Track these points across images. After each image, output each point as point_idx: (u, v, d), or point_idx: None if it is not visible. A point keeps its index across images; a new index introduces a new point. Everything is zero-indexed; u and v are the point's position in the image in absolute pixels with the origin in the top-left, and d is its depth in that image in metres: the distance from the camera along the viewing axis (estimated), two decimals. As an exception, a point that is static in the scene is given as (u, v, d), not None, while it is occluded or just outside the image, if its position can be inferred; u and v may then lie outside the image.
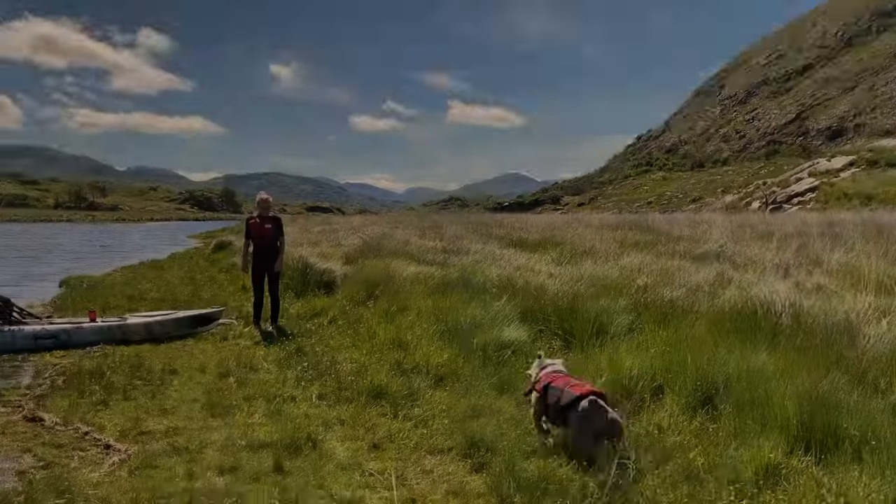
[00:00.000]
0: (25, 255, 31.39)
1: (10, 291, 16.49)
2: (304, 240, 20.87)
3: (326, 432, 5.80)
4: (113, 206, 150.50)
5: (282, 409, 6.36)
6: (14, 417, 6.46)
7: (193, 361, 8.55)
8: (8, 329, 9.74)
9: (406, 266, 12.42)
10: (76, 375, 7.73)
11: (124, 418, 6.35)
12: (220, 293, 14.24)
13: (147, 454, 5.39)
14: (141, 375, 7.75)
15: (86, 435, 5.92)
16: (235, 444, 5.55)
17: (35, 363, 8.95)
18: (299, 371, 7.63)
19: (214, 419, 6.32)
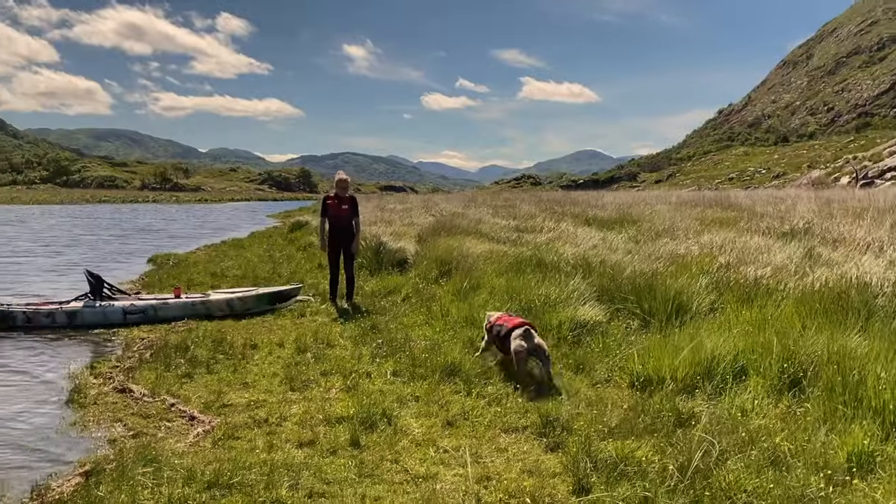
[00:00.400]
0: (118, 233, 32.90)
1: (104, 268, 17.39)
2: (377, 219, 21.08)
3: (401, 408, 5.85)
4: (196, 187, 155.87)
5: (357, 385, 6.45)
6: (105, 388, 6.79)
7: (273, 337, 8.77)
8: (99, 305, 10.23)
9: (478, 244, 12.38)
10: (162, 349, 8.05)
11: (207, 391, 6.57)
12: (298, 271, 14.55)
13: (229, 426, 5.56)
14: (223, 350, 8.00)
15: (172, 406, 6.16)
16: (313, 418, 5.66)
17: (124, 337, 9.37)
18: (374, 348, 7.72)
19: (293, 393, 6.47)
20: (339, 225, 10.69)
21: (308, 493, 4.29)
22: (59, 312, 10.09)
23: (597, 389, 6.16)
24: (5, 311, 10.09)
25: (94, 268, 12.88)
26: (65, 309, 10.16)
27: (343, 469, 4.65)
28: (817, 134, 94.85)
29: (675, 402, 5.46)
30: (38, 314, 10.06)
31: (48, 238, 29.20)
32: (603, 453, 4.64)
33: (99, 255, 22.32)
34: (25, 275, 16.88)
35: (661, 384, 5.93)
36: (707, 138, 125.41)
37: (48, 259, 20.77)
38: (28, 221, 42.53)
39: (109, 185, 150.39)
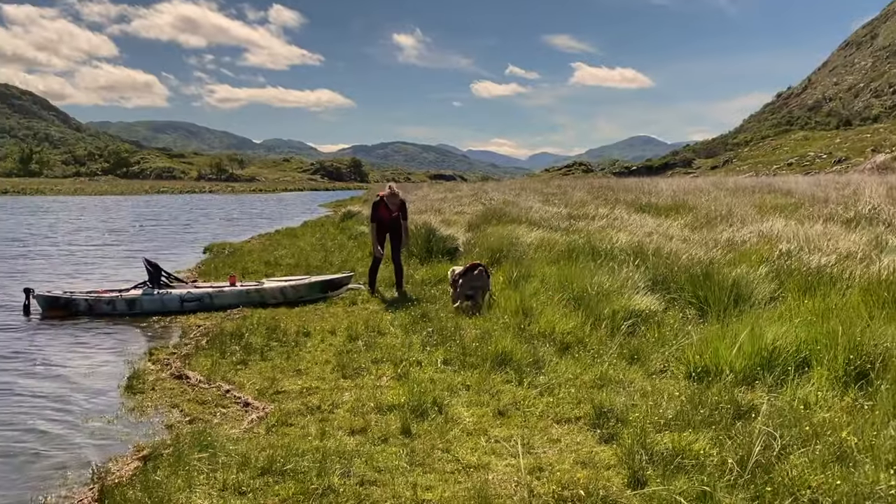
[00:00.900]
0: (176, 223, 33.74)
1: (163, 256, 17.86)
2: (427, 207, 21.12)
3: (452, 397, 5.82)
4: (250, 178, 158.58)
5: (408, 373, 6.44)
6: (163, 375, 6.94)
7: (325, 324, 8.85)
8: (157, 293, 10.48)
9: (529, 232, 12.26)
10: (218, 336, 8.20)
11: (261, 378, 6.66)
12: (349, 259, 14.66)
13: (283, 413, 5.61)
14: (277, 337, 8.11)
15: (227, 393, 6.26)
16: (365, 406, 5.68)
17: (181, 324, 9.59)
18: (424, 336, 7.71)
19: (345, 380, 6.51)
20: (388, 221, 10.89)
21: (360, 481, 4.30)
22: (119, 300, 10.38)
23: (652, 380, 6.02)
24: (68, 298, 10.43)
25: (153, 256, 13.23)
26: (125, 297, 10.45)
27: (394, 457, 4.65)
28: (882, 117, 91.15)
29: (733, 393, 5.29)
30: (99, 302, 10.37)
31: (111, 227, 30.11)
32: (659, 446, 4.53)
33: (158, 243, 22.92)
34: (91, 263, 17.43)
35: (719, 375, 5.76)
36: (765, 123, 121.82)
37: (112, 247, 21.42)
38: (92, 211, 43.92)
39: (168, 177, 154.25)
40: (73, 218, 37.29)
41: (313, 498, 4.08)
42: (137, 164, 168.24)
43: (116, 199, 71.81)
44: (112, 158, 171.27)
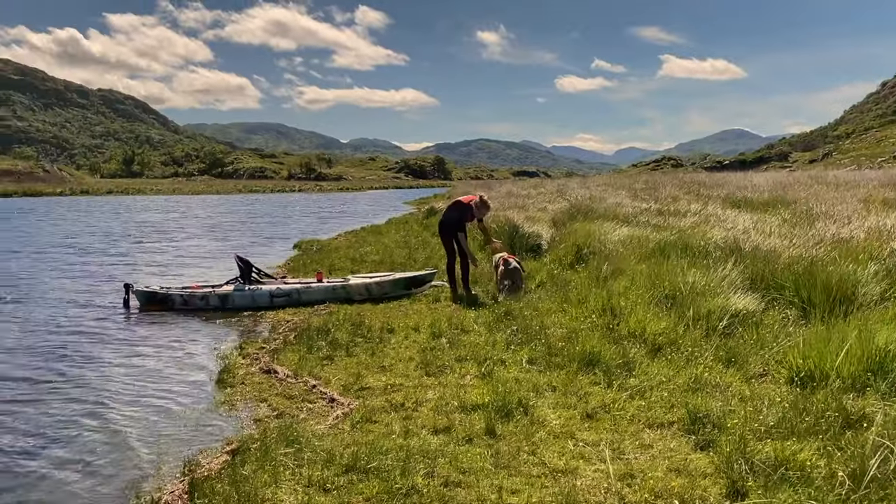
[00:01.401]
0: (267, 220, 34.78)
1: (255, 252, 18.41)
2: (511, 204, 20.91)
3: (537, 398, 5.66)
4: (338, 176, 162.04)
5: (492, 372, 6.33)
6: (252, 369, 7.08)
7: (409, 321, 8.84)
8: (248, 288, 10.75)
9: (617, 229, 11.91)
10: (305, 332, 8.32)
11: (347, 373, 6.69)
12: (433, 256, 14.66)
13: (367, 409, 5.61)
14: (362, 333, 8.15)
15: (313, 388, 6.31)
16: (449, 405, 5.60)
17: (271, 319, 9.80)
18: (509, 334, 7.57)
19: (428, 378, 6.45)
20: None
21: (444, 482, 4.22)
22: (213, 295, 10.71)
23: (750, 384, 5.68)
24: (165, 293, 10.84)
25: (245, 253, 13.62)
26: (217, 292, 10.77)
27: (479, 458, 4.54)
28: None
29: (841, 400, 4.92)
30: (193, 297, 10.73)
31: (208, 225, 31.33)
32: (760, 454, 4.25)
33: (255, 240, 23.67)
34: (188, 258, 18.15)
35: (824, 380, 5.38)
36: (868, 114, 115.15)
37: (210, 244, 22.24)
38: (192, 209, 45.85)
39: (259, 176, 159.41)
40: (171, 217, 38.99)
41: (397, 498, 4.03)
42: (231, 165, 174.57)
43: (212, 197, 74.77)
44: (208, 159, 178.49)
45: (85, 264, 17.16)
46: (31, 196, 74.65)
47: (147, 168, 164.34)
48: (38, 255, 19.50)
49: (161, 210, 46.31)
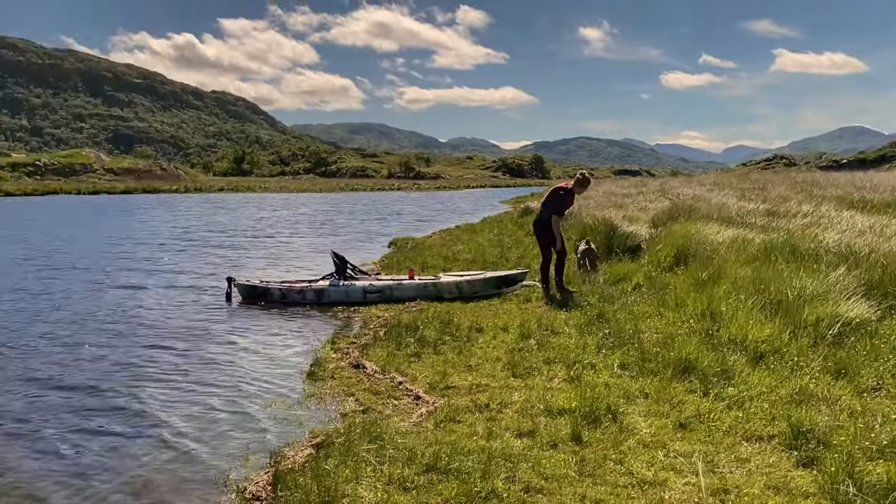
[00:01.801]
0: (368, 218, 35.49)
1: (353, 248, 18.83)
2: (609, 203, 20.41)
3: (628, 405, 5.44)
4: (435, 175, 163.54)
5: (581, 376, 6.14)
6: (342, 363, 7.18)
7: (497, 321, 8.74)
8: (343, 284, 10.95)
9: (720, 230, 11.36)
10: (395, 328, 8.36)
11: (433, 371, 6.67)
12: (526, 255, 14.49)
13: (451, 409, 5.55)
14: (450, 331, 8.12)
15: (399, 385, 6.32)
16: (534, 408, 5.47)
17: (363, 315, 9.93)
18: (600, 338, 7.33)
19: (515, 379, 6.34)
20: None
21: (524, 488, 4.10)
22: (309, 290, 10.97)
23: (862, 399, 5.25)
24: (265, 287, 11.20)
25: (343, 249, 13.89)
26: (313, 287, 11.03)
27: (562, 465, 4.40)
28: None
29: (969, 421, 4.47)
30: (291, 291, 11.03)
31: (312, 221, 32.29)
32: (870, 476, 3.91)
33: (350, 237, 24.21)
34: (293, 253, 18.74)
35: (949, 399, 4.91)
36: None
37: (314, 239, 22.89)
38: (297, 206, 47.41)
39: (361, 175, 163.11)
40: (278, 213, 40.42)
41: (476, 501, 3.95)
42: (335, 164, 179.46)
43: (316, 195, 77.10)
44: (312, 158, 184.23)
45: (198, 256, 18.01)
46: (150, 193, 79.22)
47: (256, 167, 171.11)
48: (161, 246, 20.67)
49: (269, 207, 48.09)
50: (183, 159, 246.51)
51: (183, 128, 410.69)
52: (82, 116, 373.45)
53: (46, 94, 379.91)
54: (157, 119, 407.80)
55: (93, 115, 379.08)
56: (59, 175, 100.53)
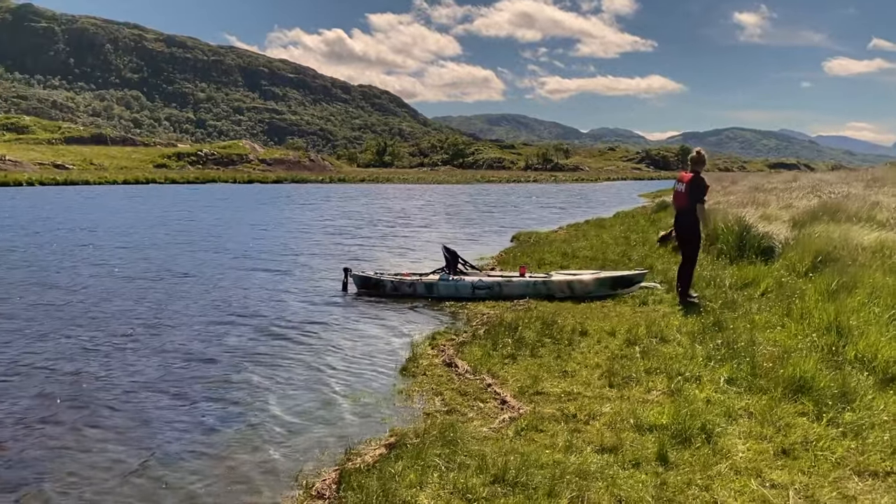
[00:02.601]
0: (499, 210, 35.49)
1: (476, 242, 18.88)
2: (749, 200, 19.10)
3: (727, 424, 5.00)
4: (574, 167, 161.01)
5: (681, 390, 5.72)
6: (436, 361, 7.14)
7: (605, 324, 8.36)
8: (452, 279, 10.92)
9: (867, 233, 10.31)
10: (495, 327, 8.21)
11: (526, 375, 6.47)
12: (650, 255, 13.84)
13: (536, 416, 5.35)
14: (551, 333, 7.86)
15: (488, 387, 6.18)
16: (623, 422, 5.15)
17: (469, 311, 9.86)
18: (711, 348, 6.81)
19: (610, 389, 6.01)
20: (675, 206, 9.41)
21: (592, 509, 3.86)
22: (419, 284, 11.04)
23: None
24: (378, 279, 11.40)
25: (464, 243, 13.93)
26: (424, 281, 11.09)
27: (640, 487, 4.09)
28: None
29: None
30: (402, 284, 11.15)
31: (443, 213, 32.72)
32: None
33: (474, 229, 24.27)
34: (420, 244, 19.04)
35: None
36: None
37: (445, 231, 23.17)
38: (432, 198, 48.29)
39: (497, 166, 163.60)
40: (412, 204, 41.29)
41: (536, 519, 3.75)
42: (472, 155, 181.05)
43: (451, 187, 78.15)
44: (450, 150, 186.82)
45: (329, 244, 18.71)
46: (298, 182, 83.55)
47: (397, 158, 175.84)
48: (301, 231, 21.70)
49: (404, 197, 49.25)
50: (330, 151, 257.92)
51: (331, 120, 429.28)
52: (241, 109, 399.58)
53: (210, 89, 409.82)
54: (307, 112, 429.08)
55: (250, 108, 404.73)
56: (218, 164, 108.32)
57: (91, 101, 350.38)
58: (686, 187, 9.03)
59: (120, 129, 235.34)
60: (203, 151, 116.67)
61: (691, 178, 9.03)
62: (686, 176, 9.10)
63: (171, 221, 26.50)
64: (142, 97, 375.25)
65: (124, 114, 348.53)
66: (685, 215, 9.15)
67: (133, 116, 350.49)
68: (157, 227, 23.74)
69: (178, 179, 77.48)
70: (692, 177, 9.05)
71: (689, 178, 9.02)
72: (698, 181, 9.03)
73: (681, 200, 9.15)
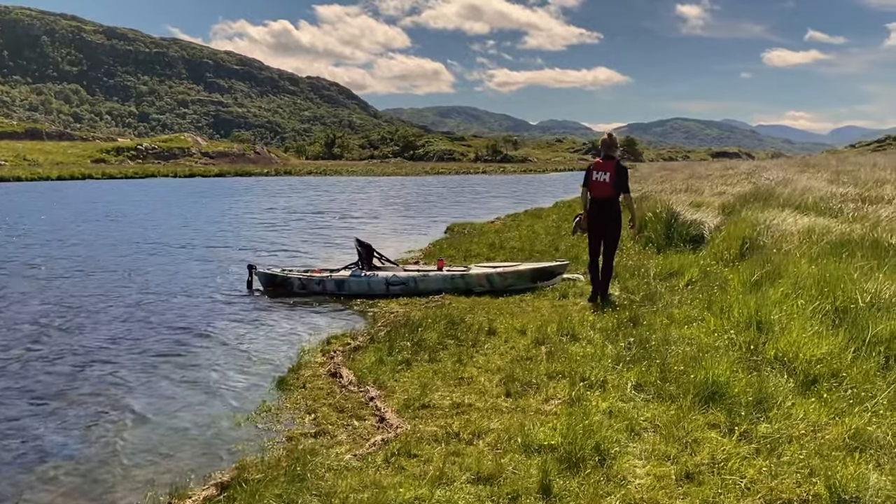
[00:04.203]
0: (441, 202, 34.73)
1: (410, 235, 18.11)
2: (685, 187, 18.77)
3: (629, 441, 4.33)
4: (523, 158, 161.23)
5: (582, 399, 5.04)
6: (321, 371, 6.34)
7: (517, 321, 7.65)
8: (365, 275, 10.13)
9: (795, 218, 9.86)
10: (397, 328, 7.44)
11: (416, 384, 5.71)
12: (578, 245, 13.24)
13: (413, 437, 4.59)
14: (455, 334, 7.12)
15: (370, 401, 5.41)
16: (511, 440, 4.43)
17: (379, 310, 9.08)
18: (622, 347, 6.17)
19: (507, 399, 5.30)
20: (596, 197, 8.37)
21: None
22: (329, 281, 10.21)
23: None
24: (284, 276, 10.53)
25: (397, 235, 13.12)
26: (334, 277, 10.27)
27: (510, 530, 3.38)
28: None
29: None
30: (310, 281, 10.31)
31: (384, 205, 31.81)
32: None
33: (412, 222, 23.48)
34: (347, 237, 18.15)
35: None
36: None
37: (380, 223, 22.30)
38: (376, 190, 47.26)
39: (448, 158, 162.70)
40: (355, 196, 40.25)
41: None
42: (422, 147, 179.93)
43: (400, 179, 77.13)
44: (401, 142, 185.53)
45: (253, 239, 17.67)
46: (242, 176, 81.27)
47: (346, 150, 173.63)
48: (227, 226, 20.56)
49: (350, 189, 48.08)
50: (279, 143, 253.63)
51: (279, 113, 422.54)
52: (186, 102, 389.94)
53: (153, 82, 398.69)
54: (254, 104, 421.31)
55: (195, 101, 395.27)
56: (159, 158, 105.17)
57: (28, 95, 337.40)
58: (611, 176, 8.31)
59: (59, 124, 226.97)
60: (143, 145, 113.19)
61: (615, 165, 8.35)
62: (608, 164, 8.34)
63: (88, 219, 25.02)
64: (81, 91, 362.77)
65: (63, 108, 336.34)
66: (609, 205, 8.45)
67: (73, 111, 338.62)
68: (69, 225, 22.29)
69: (117, 175, 74.56)
70: (616, 164, 8.37)
71: (614, 166, 8.34)
72: (622, 169, 8.38)
73: (605, 190, 8.37)
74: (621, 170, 8.31)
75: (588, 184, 8.39)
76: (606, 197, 8.32)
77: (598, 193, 8.31)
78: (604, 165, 8.29)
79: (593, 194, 8.35)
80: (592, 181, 8.32)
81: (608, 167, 8.25)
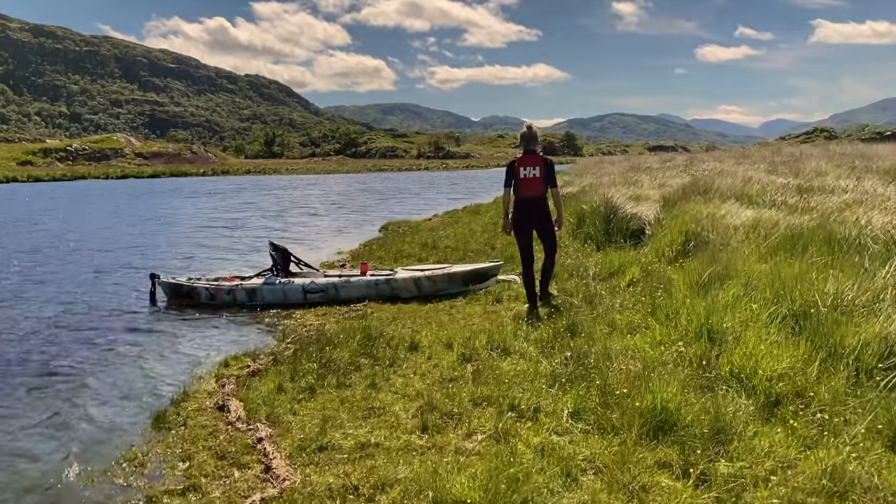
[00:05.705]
0: (379, 199, 33.72)
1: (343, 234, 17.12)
2: (624, 180, 18.28)
3: (564, 490, 3.54)
4: (465, 154, 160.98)
5: (509, 433, 4.23)
6: (208, 402, 5.38)
7: (443, 333, 6.77)
8: (280, 282, 9.17)
9: (739, 211, 9.30)
10: (305, 346, 6.52)
11: (318, 419, 4.81)
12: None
13: (302, 494, 3.71)
14: (371, 351, 6.23)
15: (258, 443, 4.48)
16: (420, 495, 3.59)
17: (292, 322, 8.16)
18: (559, 363, 5.39)
19: (422, 435, 4.44)
20: (527, 195, 7.57)
21: None
22: (240, 290, 9.22)
23: (934, 487, 3.28)
24: (191, 286, 9.49)
25: (330, 235, 12.12)
26: (245, 286, 9.27)
27: None
28: None
29: None
30: (220, 291, 9.29)
31: (319, 204, 30.62)
32: None
33: (346, 220, 22.48)
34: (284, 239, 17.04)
35: None
36: None
37: (316, 222, 21.20)
38: (313, 188, 45.86)
39: (391, 155, 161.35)
40: (295, 192, 38.86)
41: None
42: (364, 145, 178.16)
43: (341, 176, 75.66)
44: (342, 139, 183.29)
45: (169, 246, 16.41)
46: (178, 176, 78.43)
47: (287, 149, 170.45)
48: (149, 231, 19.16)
49: (282, 188, 46.54)
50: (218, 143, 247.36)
51: (217, 111, 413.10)
52: (119, 102, 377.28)
53: (84, 81, 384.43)
54: (192, 103, 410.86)
55: (129, 100, 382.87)
56: (90, 160, 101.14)
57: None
58: (541, 171, 7.53)
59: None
60: (73, 147, 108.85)
61: (543, 160, 7.58)
62: (534, 159, 7.54)
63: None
64: (7, 91, 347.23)
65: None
66: (541, 202, 7.69)
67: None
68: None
69: (44, 177, 71.08)
70: (544, 159, 7.61)
71: (542, 161, 7.57)
72: (550, 163, 7.65)
73: (535, 187, 7.55)
74: (549, 164, 7.60)
75: (514, 183, 7.58)
76: (538, 194, 7.56)
77: (528, 192, 7.52)
78: (530, 160, 7.51)
79: (523, 193, 7.53)
80: (520, 179, 7.51)
81: (535, 161, 7.49)
